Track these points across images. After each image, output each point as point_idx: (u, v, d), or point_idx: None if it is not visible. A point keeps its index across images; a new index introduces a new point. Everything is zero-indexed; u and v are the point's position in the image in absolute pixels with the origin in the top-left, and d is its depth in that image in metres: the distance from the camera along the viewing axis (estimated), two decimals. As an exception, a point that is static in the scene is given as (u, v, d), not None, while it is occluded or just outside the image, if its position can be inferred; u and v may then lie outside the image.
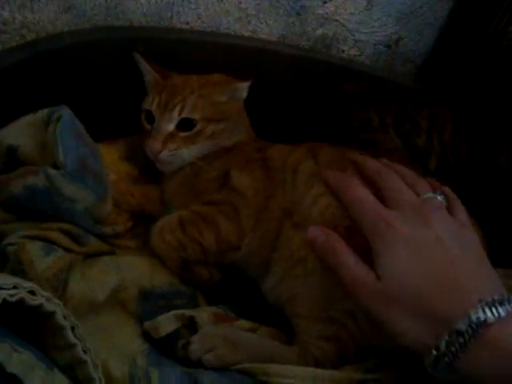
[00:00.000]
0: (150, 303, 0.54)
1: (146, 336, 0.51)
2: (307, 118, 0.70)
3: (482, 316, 0.38)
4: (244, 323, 0.55)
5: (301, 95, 0.74)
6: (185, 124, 0.61)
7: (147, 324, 0.51)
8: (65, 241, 0.52)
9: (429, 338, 0.40)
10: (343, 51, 0.87)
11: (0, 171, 0.54)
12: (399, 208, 0.45)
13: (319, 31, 0.83)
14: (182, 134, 0.61)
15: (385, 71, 0.89)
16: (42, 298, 0.39)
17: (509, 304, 0.38)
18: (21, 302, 0.38)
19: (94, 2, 0.66)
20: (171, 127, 0.61)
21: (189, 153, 0.61)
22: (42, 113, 0.54)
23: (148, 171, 0.69)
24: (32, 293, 0.39)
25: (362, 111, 0.66)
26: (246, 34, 0.77)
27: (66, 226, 0.53)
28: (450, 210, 0.47)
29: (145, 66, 0.65)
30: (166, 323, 0.51)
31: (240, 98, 0.65)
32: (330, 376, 0.50)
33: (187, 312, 0.52)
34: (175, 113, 0.60)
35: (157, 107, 0.61)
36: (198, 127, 0.61)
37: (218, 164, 0.62)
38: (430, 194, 0.47)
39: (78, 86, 0.65)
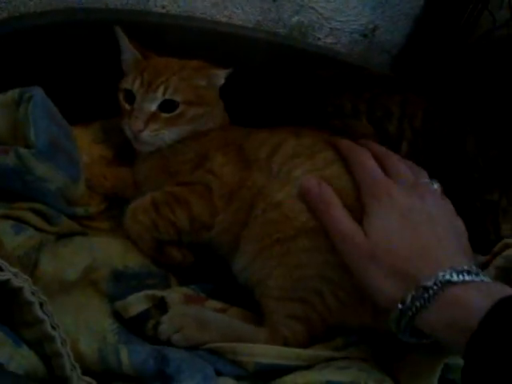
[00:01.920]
0: (121, 283, 0.54)
1: (117, 316, 0.52)
2: (282, 104, 0.70)
3: (448, 277, 0.42)
4: (214, 304, 0.56)
5: (276, 81, 0.74)
6: (167, 105, 0.61)
7: (118, 304, 0.52)
8: (36, 220, 0.52)
9: (398, 294, 0.44)
10: (319, 39, 0.87)
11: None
12: (399, 182, 0.50)
13: (295, 18, 0.83)
14: (164, 115, 0.61)
15: (361, 60, 0.90)
16: (10, 274, 0.39)
17: (476, 275, 0.43)
18: (-12, 277, 0.38)
19: (68, -18, 0.65)
20: (154, 107, 0.60)
21: (169, 134, 0.61)
22: (13, 93, 0.54)
23: (122, 155, 0.69)
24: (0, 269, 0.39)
25: (335, 98, 0.67)
26: (222, 19, 0.77)
27: (38, 206, 0.53)
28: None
29: (125, 42, 0.64)
30: (137, 303, 0.52)
31: (218, 84, 0.66)
32: (297, 354, 0.51)
33: (158, 292, 0.53)
34: (159, 93, 0.60)
35: (139, 87, 0.61)
36: (179, 109, 0.61)
37: (194, 147, 0.62)
38: (427, 180, 0.53)
39: (51, 68, 0.64)
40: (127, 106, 0.62)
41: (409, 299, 0.43)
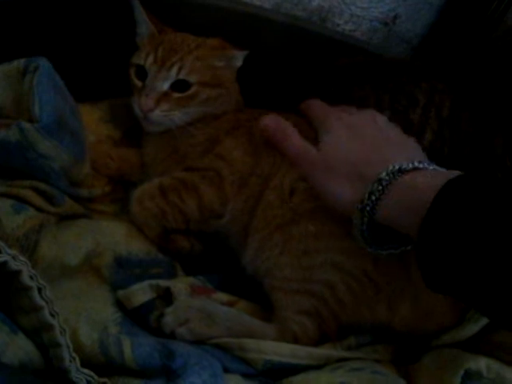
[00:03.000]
0: (125, 271, 0.52)
1: (120, 305, 0.49)
2: (300, 89, 0.67)
3: (398, 166, 0.44)
4: (222, 296, 0.53)
5: (293, 65, 0.71)
6: (180, 85, 0.58)
7: (120, 293, 0.49)
8: (37, 200, 0.49)
9: (357, 195, 0.46)
10: (338, 25, 0.84)
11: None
12: (348, 110, 0.54)
13: (315, 2, 0.80)
14: (176, 95, 0.58)
15: (379, 50, 0.87)
16: (8, 256, 0.36)
17: (428, 165, 0.45)
18: (-17, 258, 0.35)
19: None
20: (166, 86, 0.57)
21: (180, 115, 0.58)
22: (19, 63, 0.51)
23: (129, 135, 0.66)
24: (-3, 250, 0.36)
25: (359, 90, 0.64)
26: (240, -1, 0.74)
27: (40, 185, 0.50)
28: None
29: (142, 14, 0.60)
30: (140, 293, 0.49)
31: (235, 66, 0.63)
32: (308, 353, 0.49)
33: (163, 282, 0.50)
34: (172, 72, 0.57)
35: (152, 63, 0.57)
36: (192, 90, 0.58)
37: (205, 130, 0.59)
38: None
39: (60, 40, 0.61)
40: (138, 83, 0.59)
41: (366, 196, 0.44)
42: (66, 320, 0.40)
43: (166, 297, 0.50)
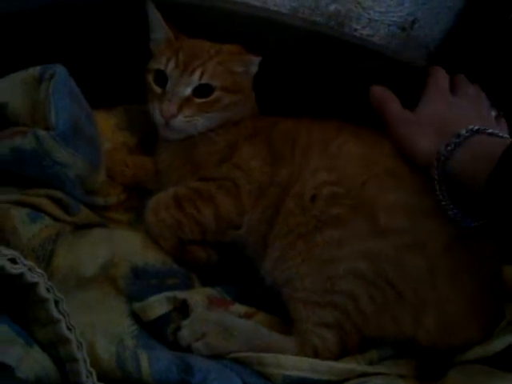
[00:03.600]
0: (141, 282, 0.51)
1: (136, 316, 0.48)
2: (317, 95, 0.66)
3: (477, 127, 0.50)
4: (240, 308, 0.52)
5: (310, 70, 0.70)
6: (202, 90, 0.57)
7: (136, 305, 0.48)
8: (53, 209, 0.49)
9: (437, 147, 0.51)
10: (356, 30, 0.82)
11: (-14, 131, 0.50)
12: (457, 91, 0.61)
13: (332, 7, 0.79)
14: (198, 101, 0.57)
15: (397, 55, 0.85)
16: (24, 267, 0.35)
17: (502, 134, 0.52)
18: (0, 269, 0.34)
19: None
20: (188, 91, 0.56)
21: (202, 121, 0.57)
22: (35, 70, 0.51)
23: (145, 143, 0.66)
24: (13, 261, 0.35)
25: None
26: (257, 3, 0.72)
27: (55, 193, 0.49)
28: None
29: (159, 19, 0.59)
30: (157, 306, 0.48)
31: (252, 72, 0.62)
32: (329, 367, 0.48)
33: (179, 294, 0.49)
34: (195, 77, 0.56)
35: (173, 68, 0.57)
36: (214, 95, 0.57)
37: (222, 138, 0.58)
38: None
39: (75, 48, 0.61)
40: (158, 89, 0.58)
41: (443, 147, 0.50)
42: (82, 333, 0.39)
43: (182, 309, 0.49)
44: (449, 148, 0.49)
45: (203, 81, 0.56)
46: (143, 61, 0.62)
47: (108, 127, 0.63)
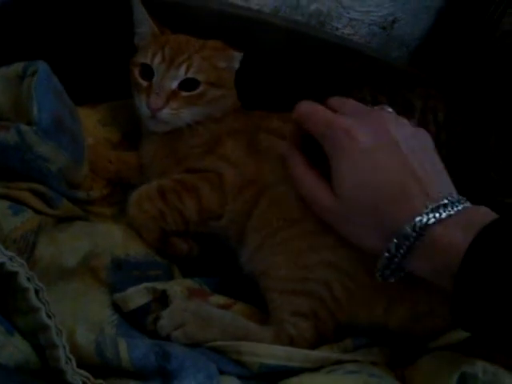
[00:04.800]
0: (122, 273, 0.51)
1: (117, 307, 0.49)
2: (298, 92, 0.68)
3: (424, 219, 0.40)
4: (219, 299, 0.53)
5: (291, 68, 0.71)
6: (188, 84, 0.58)
7: (117, 296, 0.49)
8: (35, 202, 0.50)
9: (382, 244, 0.43)
10: (337, 29, 0.84)
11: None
12: (353, 114, 0.47)
13: (313, 6, 0.80)
14: (184, 94, 0.58)
15: (378, 54, 0.87)
16: (5, 257, 0.36)
17: (454, 206, 0.41)
18: (-19, 259, 0.36)
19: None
20: (175, 85, 0.58)
21: (187, 114, 0.59)
22: (17, 66, 0.52)
23: (128, 138, 0.67)
24: (-6, 251, 0.37)
25: (358, 91, 0.65)
26: (239, 2, 0.74)
27: (37, 187, 0.50)
28: None
29: (144, 14, 0.60)
30: (136, 296, 0.49)
31: (235, 67, 0.63)
32: (304, 356, 0.49)
33: (159, 285, 0.50)
34: (181, 71, 0.58)
35: (160, 62, 0.58)
36: (200, 89, 0.59)
37: (206, 131, 0.59)
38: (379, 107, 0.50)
39: (57, 44, 0.62)
40: (144, 82, 0.59)
41: (393, 249, 0.42)
42: (63, 321, 0.40)
43: (162, 299, 0.50)
44: (401, 251, 0.42)
45: (189, 75, 0.58)
46: (127, 56, 0.62)
47: (91, 123, 0.64)
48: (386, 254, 0.43)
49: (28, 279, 0.38)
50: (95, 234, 0.52)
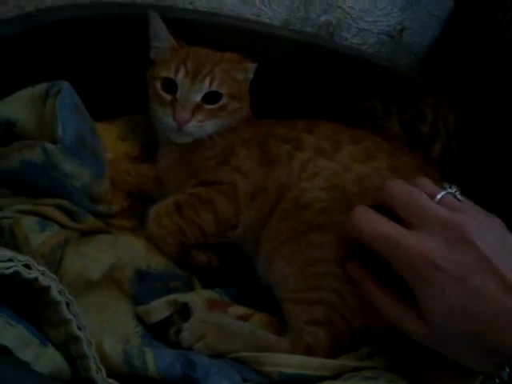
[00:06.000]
0: (145, 284, 0.53)
1: (140, 318, 0.51)
2: (310, 103, 0.69)
3: None
4: (238, 309, 0.55)
5: (302, 80, 0.73)
6: (210, 97, 0.60)
7: (140, 309, 0.51)
8: (61, 217, 0.52)
9: (488, 367, 0.40)
10: (346, 39, 0.86)
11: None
12: (426, 228, 0.42)
13: (323, 18, 0.82)
14: (208, 107, 0.60)
15: (387, 62, 0.89)
16: (38, 272, 0.38)
17: None
18: (16, 275, 0.37)
19: (96, -24, 0.65)
20: (199, 98, 0.59)
21: (210, 126, 0.60)
22: (41, 86, 0.53)
23: (146, 151, 0.69)
24: (27, 266, 0.38)
25: (367, 100, 0.66)
26: (250, 16, 0.76)
27: (63, 202, 0.52)
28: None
29: (163, 28, 0.62)
30: (159, 309, 0.50)
31: (249, 78, 0.65)
32: (321, 364, 0.50)
33: (180, 297, 0.51)
34: (205, 84, 0.59)
35: (184, 76, 0.59)
36: (222, 101, 0.60)
37: (221, 142, 0.61)
38: (442, 192, 0.45)
39: (77, 62, 0.64)
40: (167, 96, 0.60)
41: (505, 376, 0.39)
42: (91, 333, 0.42)
43: (183, 311, 0.51)
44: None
45: (212, 88, 0.59)
46: (140, 71, 0.64)
47: (110, 138, 0.66)
48: (498, 381, 0.39)
49: (59, 293, 0.39)
50: (118, 247, 0.54)
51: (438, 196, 0.44)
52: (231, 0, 0.73)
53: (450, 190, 0.45)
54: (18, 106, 0.53)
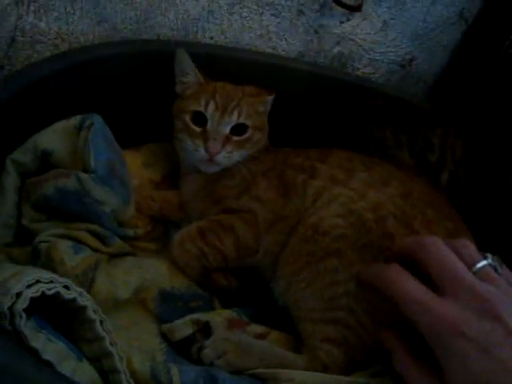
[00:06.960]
0: (168, 304, 0.56)
1: (164, 336, 0.54)
2: (325, 133, 0.72)
3: None
4: (256, 328, 0.57)
5: (317, 111, 0.76)
6: (238, 129, 0.64)
7: (165, 327, 0.54)
8: (92, 241, 0.55)
9: None
10: (358, 69, 0.90)
11: (32, 174, 0.58)
12: (456, 296, 0.42)
13: (336, 50, 0.86)
14: (235, 138, 0.64)
15: (398, 90, 0.92)
16: (76, 293, 0.42)
17: None
18: (56, 295, 0.41)
19: (124, 15, 0.70)
20: (228, 130, 0.63)
21: (237, 156, 0.64)
22: (75, 119, 0.58)
23: (168, 178, 0.72)
24: (66, 287, 0.42)
25: (378, 130, 0.69)
26: (267, 50, 0.80)
27: (94, 227, 0.56)
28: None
29: (190, 65, 0.65)
30: (182, 328, 0.53)
31: (268, 109, 0.69)
32: (336, 380, 0.52)
33: (202, 317, 0.55)
34: (234, 117, 0.63)
35: (214, 110, 0.63)
36: (248, 133, 0.64)
37: (242, 171, 0.64)
38: (481, 263, 0.44)
39: (106, 95, 0.68)
40: (197, 129, 0.63)
41: None
42: (120, 349, 0.45)
43: (205, 329, 0.54)
44: None
45: (240, 120, 0.63)
46: (162, 103, 0.68)
47: (136, 165, 0.69)
48: None
49: (94, 312, 0.43)
50: (143, 269, 0.57)
51: (478, 265, 0.44)
52: (249, 35, 0.78)
53: (491, 262, 0.44)
54: (54, 138, 0.57)
